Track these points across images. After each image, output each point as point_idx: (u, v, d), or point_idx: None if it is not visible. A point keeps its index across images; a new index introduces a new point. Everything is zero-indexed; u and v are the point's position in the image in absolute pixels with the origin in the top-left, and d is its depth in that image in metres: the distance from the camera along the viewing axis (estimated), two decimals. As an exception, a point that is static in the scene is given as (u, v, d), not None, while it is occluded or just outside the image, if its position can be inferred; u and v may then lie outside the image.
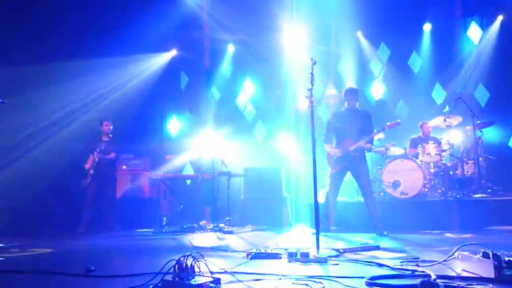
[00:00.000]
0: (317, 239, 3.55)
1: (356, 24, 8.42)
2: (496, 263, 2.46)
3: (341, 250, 3.75)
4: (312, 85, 3.98)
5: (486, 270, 2.51)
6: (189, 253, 2.48)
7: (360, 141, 5.36)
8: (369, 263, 3.21)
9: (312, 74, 3.98)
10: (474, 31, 8.49)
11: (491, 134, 7.61)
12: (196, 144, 8.04)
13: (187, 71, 9.59)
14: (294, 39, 8.46)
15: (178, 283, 2.28)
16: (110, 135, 6.73)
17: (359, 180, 5.47)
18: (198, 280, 2.31)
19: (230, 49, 9.35)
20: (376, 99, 8.76)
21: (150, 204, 7.18)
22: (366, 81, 8.83)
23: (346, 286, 2.46)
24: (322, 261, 3.28)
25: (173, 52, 9.24)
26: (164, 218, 6.64)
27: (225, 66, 9.41)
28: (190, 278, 2.32)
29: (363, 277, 2.58)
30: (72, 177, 6.88)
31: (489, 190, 6.39)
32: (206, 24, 8.71)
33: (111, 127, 6.76)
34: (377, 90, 8.82)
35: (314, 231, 3.74)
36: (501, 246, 3.53)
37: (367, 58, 8.84)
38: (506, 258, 2.50)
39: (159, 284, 2.41)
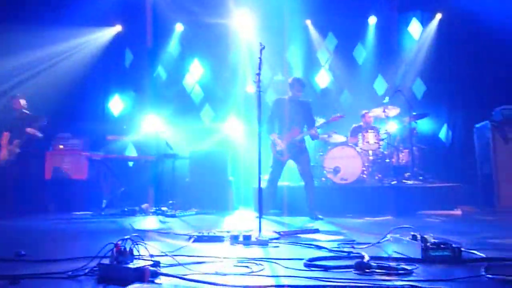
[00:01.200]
0: (260, 223, 3.61)
1: (306, 12, 8.51)
2: (423, 245, 2.64)
3: (282, 233, 3.85)
4: (260, 70, 3.99)
5: (414, 251, 2.69)
6: (129, 236, 2.42)
7: (304, 131, 5.53)
8: (309, 245, 3.32)
9: (260, 59, 3.99)
10: (414, 27, 8.92)
11: (425, 125, 8.12)
12: (140, 125, 7.79)
13: (132, 48, 9.18)
14: (244, 22, 8.40)
15: (116, 266, 2.22)
16: (27, 111, 6.37)
17: (301, 167, 5.57)
18: (137, 263, 2.27)
19: (178, 28, 9.07)
20: (322, 87, 8.97)
21: (89, 186, 6.88)
22: (312, 69, 9.00)
23: (285, 267, 2.53)
24: (263, 243, 3.34)
25: (117, 28, 8.81)
26: (104, 201, 6.42)
27: (173, 46, 9.13)
28: (129, 261, 2.26)
29: (302, 259, 2.66)
30: None
31: (420, 178, 6.84)
32: (153, 0, 8.39)
33: (25, 103, 6.39)
34: (323, 79, 9.03)
35: (257, 214, 3.80)
36: (429, 229, 3.80)
37: (315, 46, 8.99)
38: (432, 240, 2.70)
39: (95, 268, 2.33)
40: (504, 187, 6.03)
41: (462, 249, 2.66)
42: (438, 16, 8.57)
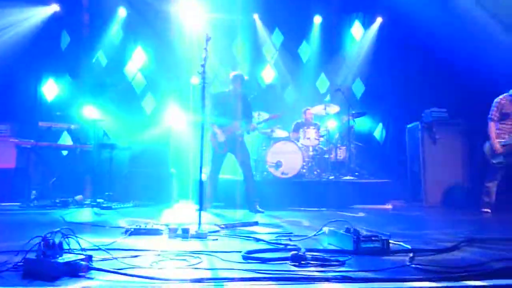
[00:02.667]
0: (200, 216, 3.58)
1: (254, 6, 8.52)
2: (355, 237, 2.78)
3: (222, 226, 3.85)
4: (205, 61, 3.93)
5: (347, 243, 2.82)
6: (58, 229, 2.29)
7: (243, 125, 5.59)
8: (247, 238, 3.35)
9: (206, 50, 3.93)
10: (357, 29, 9.28)
11: (362, 124, 8.51)
12: (77, 112, 7.37)
13: (69, 30, 8.62)
14: (191, 11, 8.23)
15: (43, 261, 2.09)
16: None
17: (240, 161, 5.60)
18: (67, 257, 2.15)
19: (121, 12, 8.66)
20: (267, 82, 9.06)
21: (17, 175, 6.39)
22: (258, 64, 9.06)
23: (223, 260, 2.54)
24: (202, 236, 3.32)
25: (54, 8, 8.23)
26: (33, 192, 6.01)
27: (115, 31, 8.71)
28: (57, 255, 2.14)
29: (240, 251, 2.68)
30: None
31: (356, 173, 7.17)
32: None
33: None
34: (268, 74, 9.12)
35: (198, 207, 3.77)
36: (362, 222, 4.01)
37: (261, 41, 9.04)
38: (364, 233, 2.85)
39: (20, 263, 2.18)
40: (431, 184, 6.50)
41: (391, 241, 2.83)
42: (379, 20, 8.99)
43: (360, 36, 9.19)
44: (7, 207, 5.58)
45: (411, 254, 2.64)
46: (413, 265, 2.38)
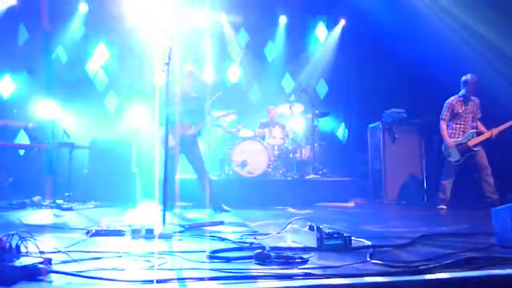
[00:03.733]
0: (164, 216, 3.54)
1: (220, 6, 8.50)
2: (318, 235, 2.85)
3: (187, 226, 3.83)
4: (169, 60, 3.90)
5: (311, 240, 2.88)
6: (15, 231, 2.20)
7: (193, 125, 5.37)
8: (212, 237, 3.35)
9: (170, 47, 3.90)
10: (321, 30, 9.47)
11: (325, 123, 8.70)
12: (34, 110, 7.08)
13: (28, 25, 8.25)
14: (155, 8, 8.09)
15: (-2, 265, 2.01)
16: None
17: (193, 162, 5.41)
18: (24, 261, 2.08)
19: (82, 8, 8.40)
20: (232, 82, 9.07)
21: (-31, 176, 6.09)
22: (224, 63, 9.05)
23: (188, 260, 2.53)
24: (167, 237, 3.29)
25: (10, 1, 7.86)
26: (-13, 193, 5.73)
27: (75, 27, 8.43)
28: (14, 259, 2.06)
29: (205, 251, 2.68)
30: None
31: (320, 172, 7.32)
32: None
33: None
34: (234, 73, 9.13)
35: (161, 207, 3.73)
36: (325, 220, 4.10)
37: (227, 40, 9.03)
38: (327, 231, 2.92)
39: (-28, 268, 2.08)
40: (390, 182, 6.76)
41: (352, 238, 2.92)
42: (342, 22, 9.21)
43: (324, 37, 9.38)
44: (-42, 209, 5.29)
45: (371, 250, 2.74)
46: (373, 261, 2.47)
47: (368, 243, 3.02)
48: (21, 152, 7.49)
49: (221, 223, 4.16)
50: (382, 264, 2.40)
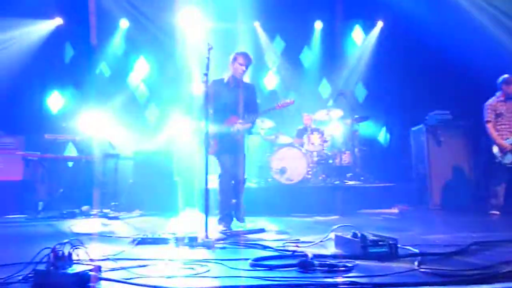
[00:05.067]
0: (206, 224, 3.58)
1: (254, 14, 8.59)
2: (362, 242, 2.77)
3: (229, 234, 3.85)
4: (208, 70, 3.97)
5: (355, 248, 2.81)
6: (67, 240, 2.30)
7: (244, 119, 4.55)
8: (254, 245, 3.35)
9: (208, 59, 3.97)
10: (357, 34, 9.32)
11: (366, 127, 8.50)
12: (81, 123, 7.42)
13: (73, 43, 8.71)
14: (192, 21, 8.29)
15: (53, 272, 2.11)
16: None
17: (236, 166, 4.59)
18: (76, 268, 2.17)
19: (123, 24, 8.76)
20: (269, 89, 9.10)
21: (24, 187, 6.43)
22: (260, 71, 9.09)
23: (231, 268, 2.54)
24: (209, 245, 3.32)
25: (57, 21, 8.33)
26: (40, 203, 6.04)
27: (117, 42, 8.80)
28: (67, 266, 2.16)
29: (247, 259, 2.69)
30: None
31: (362, 178, 7.15)
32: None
33: None
34: (271, 81, 9.16)
35: (204, 216, 3.77)
36: (368, 227, 3.99)
37: (263, 48, 9.09)
38: (371, 238, 2.84)
39: (30, 275, 2.20)
40: (436, 187, 6.48)
41: (398, 245, 2.83)
42: (380, 24, 9.02)
43: (361, 40, 9.23)
44: (15, 219, 5.62)
45: (419, 258, 2.64)
46: (422, 269, 2.38)
47: (416, 250, 2.90)
48: (70, 164, 7.86)
49: (262, 230, 4.15)
50: (432, 273, 2.30)
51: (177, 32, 8.44)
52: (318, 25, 9.12)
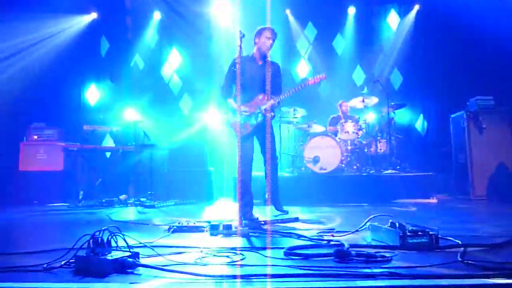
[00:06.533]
0: (240, 212, 3.59)
1: (285, 1, 8.47)
2: (401, 232, 2.69)
3: (262, 222, 3.85)
4: (240, 58, 3.94)
5: (393, 238, 2.73)
6: (106, 227, 2.36)
7: (272, 98, 4.33)
8: (288, 234, 3.33)
9: (240, 47, 3.93)
10: (392, 18, 9.00)
11: (402, 115, 8.25)
12: (118, 115, 7.62)
13: (108, 36, 8.93)
14: (223, 11, 8.28)
15: (93, 258, 2.17)
16: None
17: (263, 145, 4.40)
18: (115, 254, 2.22)
19: (156, 16, 8.88)
20: (301, 77, 8.98)
21: (65, 177, 6.70)
22: (292, 59, 8.99)
23: (265, 256, 2.53)
24: (244, 233, 3.33)
25: (93, 15, 8.55)
26: (81, 192, 6.28)
27: (150, 34, 8.94)
28: (106, 253, 2.21)
29: (282, 248, 2.67)
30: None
31: (398, 167, 6.95)
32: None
33: None
34: (303, 69, 9.03)
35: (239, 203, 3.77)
36: (406, 217, 3.88)
37: (295, 36, 8.96)
38: (410, 228, 2.75)
39: (71, 260, 2.27)
40: (478, 176, 6.19)
41: (439, 236, 2.72)
42: (416, 7, 8.67)
43: (397, 25, 8.91)
44: (57, 207, 5.86)
45: (461, 250, 2.53)
46: (465, 261, 2.27)
47: (458, 241, 2.79)
48: (108, 154, 8.11)
49: (296, 219, 4.12)
50: (475, 265, 2.20)
51: (208, 22, 8.45)
52: (351, 10, 8.88)
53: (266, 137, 4.30)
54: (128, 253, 2.27)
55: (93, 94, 8.84)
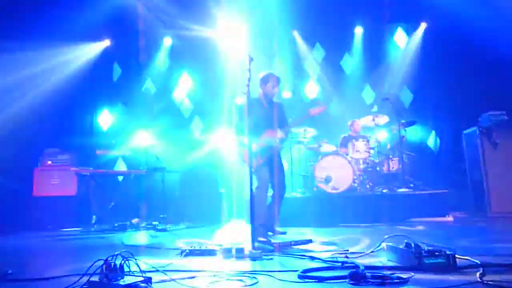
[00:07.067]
0: (253, 235, 3.56)
1: (292, 22, 8.60)
2: (417, 253, 2.63)
3: (276, 245, 3.80)
4: (249, 82, 3.99)
5: (409, 259, 2.67)
6: (119, 252, 2.36)
7: (281, 129, 4.77)
8: (302, 256, 3.28)
9: (249, 70, 3.98)
10: (400, 36, 9.06)
11: (413, 132, 8.18)
12: (130, 139, 7.72)
13: (120, 62, 9.16)
14: (232, 34, 8.44)
15: (106, 283, 2.17)
16: None
17: (278, 174, 4.75)
18: (128, 280, 2.21)
19: (167, 42, 9.09)
20: (310, 98, 9.02)
21: (78, 202, 6.74)
22: (301, 79, 9.06)
23: (279, 279, 2.49)
24: (257, 256, 3.29)
25: (106, 42, 8.79)
26: (94, 216, 6.31)
27: (161, 59, 9.13)
28: (119, 278, 2.21)
29: (296, 270, 2.63)
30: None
31: (411, 185, 6.85)
32: (141, 15, 8.40)
33: None
34: (312, 89, 9.08)
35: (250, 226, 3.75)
36: (422, 237, 3.80)
37: (302, 57, 9.06)
38: (426, 248, 2.69)
39: (84, 286, 2.27)
40: (495, 192, 6.07)
41: (456, 256, 2.65)
42: (423, 25, 8.73)
43: (404, 43, 8.96)
44: (70, 232, 5.88)
45: (480, 270, 2.46)
46: (485, 281, 2.21)
47: (476, 261, 2.71)
48: (120, 178, 8.17)
49: (310, 241, 4.06)
50: (496, 285, 2.13)
51: (218, 45, 8.60)
52: (359, 30, 8.97)
53: (276, 166, 4.72)
54: (141, 278, 2.26)
55: (105, 119, 9.00)
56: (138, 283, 2.20)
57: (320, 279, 2.43)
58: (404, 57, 8.85)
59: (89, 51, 8.57)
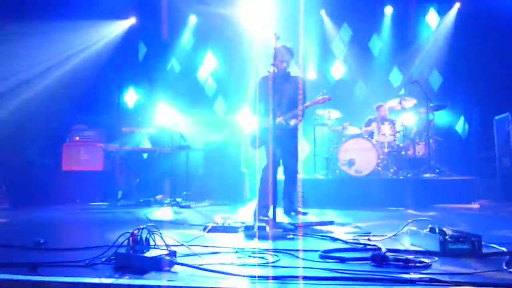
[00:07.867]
0: (274, 214, 3.59)
1: (320, 2, 8.40)
2: (441, 238, 2.59)
3: (297, 225, 3.82)
4: (275, 60, 3.94)
5: (432, 244, 2.64)
6: (144, 226, 2.43)
7: (286, 113, 4.54)
8: (324, 237, 3.29)
9: (275, 49, 3.94)
10: (432, 17, 8.73)
11: (442, 117, 7.97)
12: (155, 117, 7.82)
13: (146, 41, 9.21)
14: (257, 13, 8.32)
15: (132, 255, 2.24)
16: None
17: (285, 157, 4.63)
18: (153, 252, 2.28)
19: (192, 20, 9.06)
20: (336, 78, 8.87)
21: (105, 177, 6.96)
22: (327, 60, 8.90)
23: (300, 258, 2.51)
24: (278, 235, 3.32)
25: (131, 20, 8.83)
26: (119, 192, 6.49)
27: (186, 38, 9.13)
28: (145, 250, 2.27)
29: (317, 250, 2.64)
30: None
31: (437, 170, 6.71)
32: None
33: None
34: (338, 70, 8.92)
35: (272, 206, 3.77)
36: (446, 222, 3.73)
37: (329, 37, 8.88)
38: (451, 233, 2.64)
39: (112, 257, 2.35)
40: (524, 181, 5.89)
41: (482, 242, 2.60)
42: (457, 5, 8.37)
43: (436, 24, 8.63)
44: (98, 206, 6.08)
45: (507, 258, 2.41)
46: (510, 270, 2.16)
47: (503, 249, 2.65)
48: (145, 155, 8.33)
49: (331, 223, 4.07)
50: (523, 274, 2.09)
51: (243, 24, 8.51)
52: (389, 10, 8.70)
53: (286, 146, 4.56)
54: (166, 251, 2.32)
55: (131, 97, 9.13)
56: (163, 256, 2.26)
57: (342, 260, 2.44)
58: (435, 39, 8.54)
59: (116, 29, 8.64)
